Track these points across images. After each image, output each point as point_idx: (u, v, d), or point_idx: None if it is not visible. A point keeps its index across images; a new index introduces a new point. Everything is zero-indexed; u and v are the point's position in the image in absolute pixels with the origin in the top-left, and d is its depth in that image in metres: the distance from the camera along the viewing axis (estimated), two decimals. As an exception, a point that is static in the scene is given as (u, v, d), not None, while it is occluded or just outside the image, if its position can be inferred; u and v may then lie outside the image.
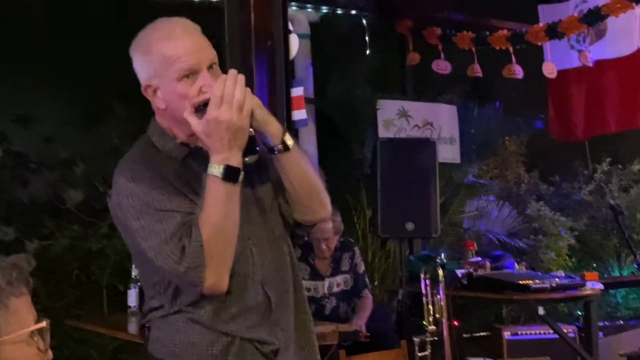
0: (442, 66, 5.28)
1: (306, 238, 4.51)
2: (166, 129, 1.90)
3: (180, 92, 1.79)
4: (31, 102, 5.36)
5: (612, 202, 5.34)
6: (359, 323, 4.46)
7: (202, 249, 1.73)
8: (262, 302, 1.88)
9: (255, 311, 1.87)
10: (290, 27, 4.09)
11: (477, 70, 5.21)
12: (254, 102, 1.77)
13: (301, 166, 1.91)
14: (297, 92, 4.26)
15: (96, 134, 5.51)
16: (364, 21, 5.57)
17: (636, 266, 4.72)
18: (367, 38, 5.58)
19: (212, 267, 1.74)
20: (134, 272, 4.38)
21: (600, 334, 5.12)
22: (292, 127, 4.15)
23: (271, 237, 1.95)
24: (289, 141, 1.85)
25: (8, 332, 1.20)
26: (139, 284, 4.29)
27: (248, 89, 1.76)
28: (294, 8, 4.86)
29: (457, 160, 5.97)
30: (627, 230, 4.79)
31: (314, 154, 4.56)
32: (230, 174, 1.74)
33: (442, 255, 4.45)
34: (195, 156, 1.88)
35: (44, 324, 1.27)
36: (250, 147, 1.80)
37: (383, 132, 5.48)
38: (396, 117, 5.59)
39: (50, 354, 1.27)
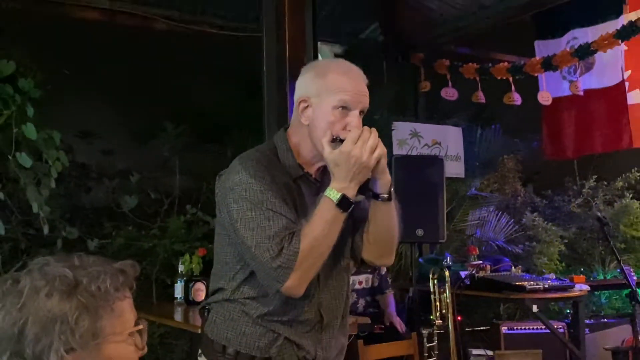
0: (450, 93, 5.27)
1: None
2: (292, 145, 1.88)
3: (329, 118, 1.78)
4: (93, 119, 5.43)
5: (598, 214, 5.25)
6: (396, 320, 4.51)
7: (297, 255, 1.70)
8: (314, 320, 1.87)
9: (306, 324, 1.86)
10: (319, 57, 4.12)
11: (480, 97, 5.20)
12: (382, 151, 1.76)
13: (391, 218, 1.89)
14: (328, 115, 4.28)
15: (149, 148, 5.57)
16: (383, 54, 5.59)
17: (619, 271, 4.66)
18: (384, 68, 5.59)
19: (298, 273, 1.71)
20: (180, 268, 4.42)
21: (587, 330, 5.06)
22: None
23: (338, 266, 1.93)
24: (392, 194, 1.85)
25: (112, 334, 1.18)
26: (184, 278, 4.34)
27: (380, 140, 1.76)
28: (320, 43, 4.88)
29: (462, 175, 5.94)
30: (611, 240, 4.72)
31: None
32: (344, 202, 1.73)
33: (448, 258, 4.41)
34: (304, 180, 1.88)
35: (142, 326, 1.25)
36: (363, 187, 1.80)
37: (397, 150, 5.48)
38: (409, 137, 5.58)
39: (145, 349, 1.25)
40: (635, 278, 4.58)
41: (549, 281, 4.74)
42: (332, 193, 1.73)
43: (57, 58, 4.86)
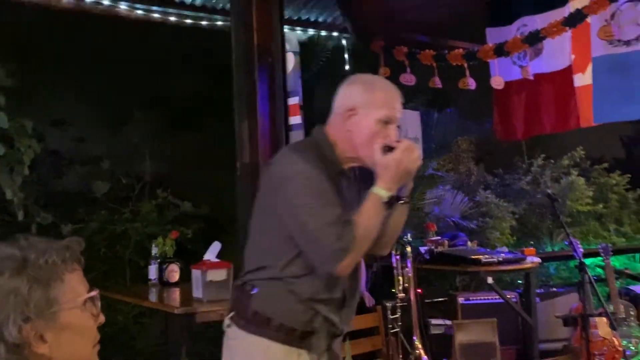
0: (408, 79, 5.25)
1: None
2: (332, 142, 2.02)
3: (373, 129, 1.97)
4: (65, 108, 5.31)
5: (548, 191, 5.35)
6: (366, 294, 4.51)
7: (354, 240, 1.86)
8: (341, 298, 2.03)
9: (335, 302, 2.02)
10: (287, 47, 4.08)
11: (437, 82, 5.20)
12: (420, 162, 1.99)
13: (402, 218, 2.09)
14: (293, 101, 4.25)
15: (120, 135, 5.48)
16: (344, 41, 5.56)
17: (566, 243, 4.76)
18: (346, 55, 5.56)
19: (352, 256, 1.88)
20: (154, 250, 4.36)
21: (537, 299, 5.16)
22: (290, 131, 4.15)
23: None
24: (409, 199, 2.07)
25: (66, 301, 1.23)
26: (158, 260, 4.28)
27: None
28: (286, 30, 4.83)
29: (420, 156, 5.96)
30: (560, 215, 4.82)
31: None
32: (390, 201, 1.94)
33: (408, 235, 4.46)
34: (343, 175, 2.04)
35: (94, 293, 1.30)
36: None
37: (359, 134, 5.47)
38: (370, 121, 5.58)
39: (102, 317, 1.30)
40: (581, 250, 4.68)
41: (503, 254, 4.82)
42: (382, 192, 1.90)
43: (28, 47, 4.71)
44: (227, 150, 4.01)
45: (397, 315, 4.19)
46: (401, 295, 4.19)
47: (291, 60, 4.32)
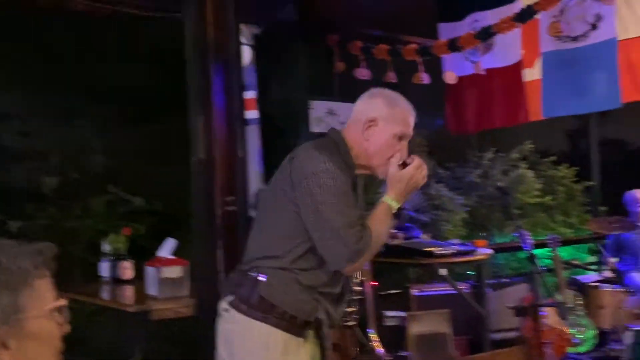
0: (363, 73, 5.28)
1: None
2: (349, 147, 2.13)
3: (388, 142, 2.12)
4: (11, 101, 5.13)
5: (500, 184, 5.47)
6: None
7: (370, 243, 1.99)
8: (339, 293, 2.15)
9: (334, 296, 2.13)
10: (243, 40, 4.03)
11: (391, 77, 5.24)
12: (425, 180, 2.14)
13: (390, 229, 2.22)
14: (249, 95, 4.22)
15: (69, 128, 5.33)
16: (298, 35, 5.52)
17: (516, 235, 4.87)
18: (300, 49, 5.52)
19: (365, 257, 2.01)
20: (106, 247, 4.25)
21: (488, 290, 5.26)
22: (246, 125, 4.12)
23: None
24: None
25: (33, 309, 1.20)
26: (111, 257, 4.18)
27: None
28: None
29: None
30: (511, 207, 4.92)
31: (259, 146, 4.49)
32: (399, 212, 2.11)
33: (363, 228, 4.46)
34: (354, 179, 2.16)
35: (62, 302, 1.27)
36: None
37: (314, 128, 5.46)
38: (325, 115, 5.57)
39: (66, 327, 1.26)
40: (531, 241, 4.78)
41: (455, 246, 4.89)
42: (393, 203, 2.08)
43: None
44: (180, 144, 3.94)
45: (353, 309, 4.20)
46: (358, 288, 4.20)
47: (247, 54, 4.27)
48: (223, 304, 2.12)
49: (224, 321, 2.11)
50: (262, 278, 2.05)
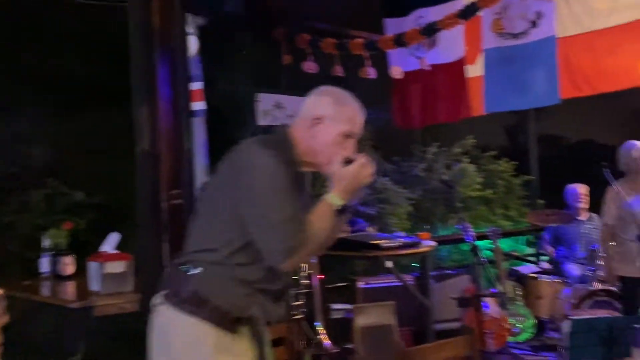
0: (310, 67, 5.28)
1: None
2: (295, 144, 2.11)
3: (334, 140, 2.09)
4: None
5: (446, 178, 5.56)
6: None
7: (305, 240, 1.96)
8: (281, 290, 2.12)
9: (274, 293, 2.09)
10: (189, 30, 3.95)
11: (338, 71, 5.26)
12: (371, 179, 2.09)
13: (341, 225, 2.16)
14: (196, 86, 4.15)
15: (4, 120, 5.11)
16: (245, 27, 5.46)
17: (459, 227, 4.97)
18: (247, 41, 5.48)
19: (299, 254, 1.98)
20: (46, 242, 4.12)
21: (432, 281, 5.34)
22: (192, 117, 4.04)
23: None
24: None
25: None
26: (51, 252, 4.05)
27: None
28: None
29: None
30: (456, 201, 5.01)
31: (205, 138, 4.42)
32: (341, 209, 2.04)
33: (310, 222, 4.46)
34: (299, 176, 2.12)
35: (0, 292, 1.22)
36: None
37: (261, 121, 5.42)
38: (272, 108, 5.54)
39: (5, 317, 1.22)
40: (473, 233, 4.88)
41: (401, 239, 4.95)
42: (334, 199, 2.02)
43: None
44: (124, 136, 3.84)
45: (301, 302, 4.20)
46: (305, 282, 4.20)
47: (193, 44, 4.19)
48: (157, 298, 2.10)
49: (156, 315, 2.09)
50: (196, 271, 2.04)
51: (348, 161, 2.05)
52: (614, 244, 4.80)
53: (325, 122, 2.09)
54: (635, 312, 4.47)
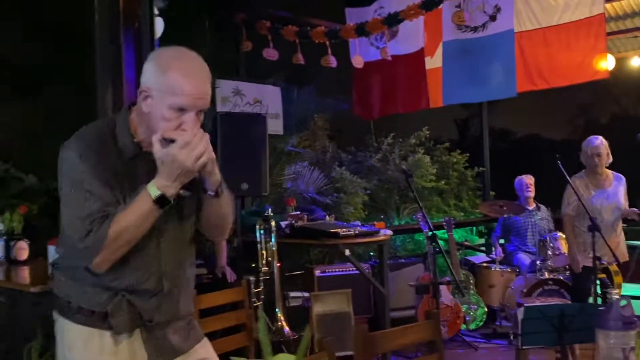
0: (270, 54, 5.26)
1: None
2: (132, 124, 1.86)
3: (165, 115, 1.76)
4: None
5: (404, 168, 5.61)
6: (227, 270, 4.46)
7: (104, 240, 1.74)
8: (157, 289, 1.92)
9: (147, 292, 1.91)
10: (155, 11, 3.87)
11: (300, 59, 5.26)
12: (210, 157, 1.78)
13: (220, 209, 1.95)
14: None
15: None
16: (205, 12, 5.40)
17: (414, 217, 5.05)
18: (207, 26, 5.41)
19: (103, 254, 1.76)
20: (-1, 227, 4.01)
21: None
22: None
23: (183, 240, 1.99)
24: (220, 191, 1.90)
25: None
26: (5, 237, 3.93)
27: (210, 146, 1.78)
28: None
29: (281, 132, 5.99)
30: (414, 190, 5.08)
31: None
32: (161, 201, 1.76)
33: (269, 210, 4.48)
34: (142, 159, 1.85)
35: None
36: (190, 184, 1.84)
37: (221, 107, 5.37)
38: (231, 95, 5.50)
39: None
40: (430, 223, 4.98)
41: (359, 228, 5.00)
42: (152, 189, 1.75)
43: None
44: (80, 120, 3.74)
45: (260, 289, 4.21)
46: (265, 269, 4.21)
47: (160, 26, 4.11)
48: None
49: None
50: (54, 275, 1.97)
51: (170, 141, 1.74)
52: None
53: (152, 94, 1.77)
54: (585, 300, 4.63)
